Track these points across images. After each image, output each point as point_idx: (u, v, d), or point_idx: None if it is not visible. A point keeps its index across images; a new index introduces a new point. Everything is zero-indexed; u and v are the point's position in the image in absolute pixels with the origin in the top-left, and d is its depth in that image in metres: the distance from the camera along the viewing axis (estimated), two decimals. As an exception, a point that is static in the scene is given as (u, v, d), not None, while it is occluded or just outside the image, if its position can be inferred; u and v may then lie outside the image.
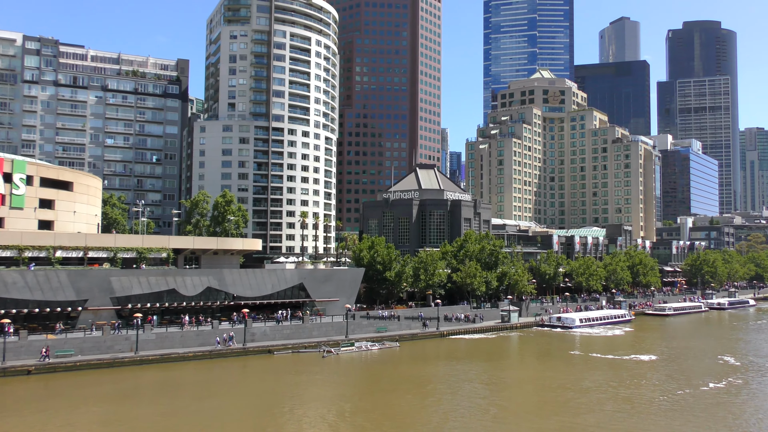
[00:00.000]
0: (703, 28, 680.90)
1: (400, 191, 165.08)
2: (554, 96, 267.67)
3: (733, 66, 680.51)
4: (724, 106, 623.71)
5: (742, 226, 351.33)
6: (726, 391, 74.77)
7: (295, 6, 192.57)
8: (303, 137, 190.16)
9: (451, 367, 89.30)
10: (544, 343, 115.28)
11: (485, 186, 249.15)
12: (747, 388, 77.14)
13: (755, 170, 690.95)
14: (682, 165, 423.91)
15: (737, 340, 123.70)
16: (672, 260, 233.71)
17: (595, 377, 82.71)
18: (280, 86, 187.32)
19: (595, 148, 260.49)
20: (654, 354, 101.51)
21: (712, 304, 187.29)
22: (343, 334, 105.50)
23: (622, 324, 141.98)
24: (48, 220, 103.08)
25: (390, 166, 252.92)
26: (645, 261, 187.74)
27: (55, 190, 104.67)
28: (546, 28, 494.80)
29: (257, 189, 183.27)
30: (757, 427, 59.88)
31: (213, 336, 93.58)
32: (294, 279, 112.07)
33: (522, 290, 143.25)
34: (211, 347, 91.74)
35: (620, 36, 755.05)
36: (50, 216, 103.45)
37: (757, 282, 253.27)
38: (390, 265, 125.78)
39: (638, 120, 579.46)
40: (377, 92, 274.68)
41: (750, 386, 78.07)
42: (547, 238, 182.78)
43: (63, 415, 61.65)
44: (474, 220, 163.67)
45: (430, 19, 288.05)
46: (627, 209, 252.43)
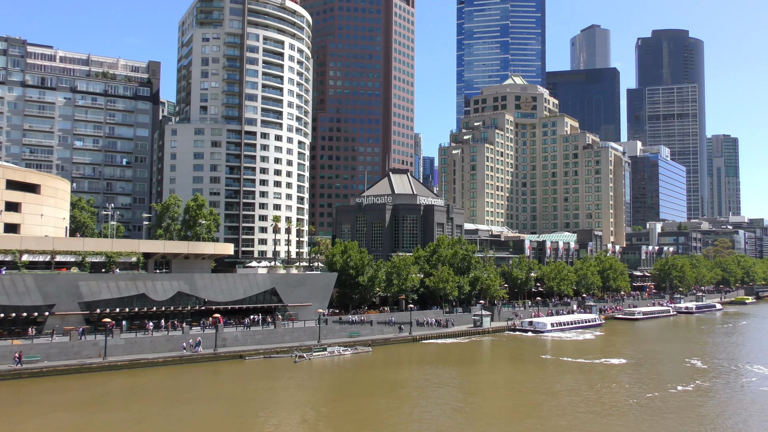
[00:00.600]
0: (671, 37, 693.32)
1: (374, 196, 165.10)
2: (526, 102, 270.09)
3: (701, 74, 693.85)
4: (691, 113, 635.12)
5: (709, 232, 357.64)
6: (694, 393, 75.92)
7: (269, 9, 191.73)
8: (276, 141, 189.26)
9: (423, 372, 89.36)
10: (516, 348, 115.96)
11: (458, 191, 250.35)
12: (714, 390, 78.38)
13: (722, 176, 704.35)
14: (651, 171, 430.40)
15: (705, 344, 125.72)
16: (641, 265, 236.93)
17: (566, 381, 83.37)
18: (253, 90, 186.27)
19: (567, 153, 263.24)
20: (624, 358, 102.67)
21: (680, 309, 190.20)
22: (315, 339, 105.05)
23: (592, 328, 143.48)
24: (14, 223, 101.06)
25: (363, 171, 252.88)
26: (615, 266, 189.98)
27: (22, 192, 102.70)
28: (518, 34, 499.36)
29: (229, 193, 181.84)
30: (722, 429, 60.84)
31: (184, 341, 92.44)
32: (266, 284, 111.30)
33: (494, 295, 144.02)
34: (180, 353, 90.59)
35: (591, 43, 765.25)
36: (16, 219, 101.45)
37: (723, 286, 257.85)
38: (363, 269, 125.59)
39: (608, 126, 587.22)
40: (351, 97, 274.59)
41: (717, 389, 79.33)
42: (519, 243, 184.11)
43: (34, 422, 60.42)
44: (447, 224, 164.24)
45: (403, 24, 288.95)
46: (597, 214, 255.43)
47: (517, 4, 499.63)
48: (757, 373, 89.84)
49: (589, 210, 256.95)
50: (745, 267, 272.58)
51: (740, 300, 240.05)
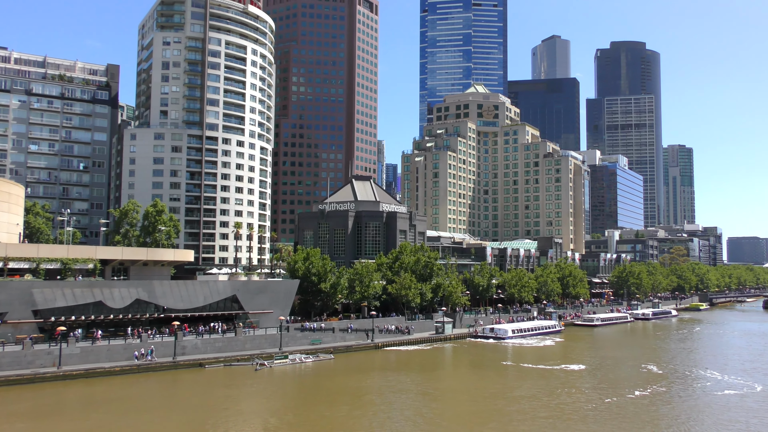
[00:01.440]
0: (629, 48, 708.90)
1: (336, 203, 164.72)
2: (488, 110, 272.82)
3: (657, 85, 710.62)
4: (648, 123, 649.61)
5: (665, 240, 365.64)
6: (651, 398, 77.25)
7: (231, 14, 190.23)
8: (238, 147, 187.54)
9: (386, 379, 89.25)
10: (477, 354, 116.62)
11: (421, 198, 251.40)
12: (670, 395, 79.90)
13: (677, 185, 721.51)
14: (609, 180, 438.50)
15: (660, 350, 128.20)
16: (600, 272, 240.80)
17: (527, 387, 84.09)
18: (215, 95, 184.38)
19: (528, 162, 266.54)
20: (583, 363, 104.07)
21: (637, 315, 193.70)
22: (276, 346, 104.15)
23: (552, 334, 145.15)
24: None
25: (326, 177, 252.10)
26: (574, 273, 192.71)
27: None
28: (481, 43, 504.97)
29: (190, 199, 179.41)
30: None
31: (135, 350, 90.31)
32: (227, 291, 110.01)
33: (456, 302, 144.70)
34: (138, 361, 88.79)
35: (551, 54, 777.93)
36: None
37: (678, 293, 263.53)
38: (325, 276, 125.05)
39: (568, 135, 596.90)
40: (314, 103, 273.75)
41: (673, 394, 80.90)
42: (480, 250, 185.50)
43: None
44: (409, 232, 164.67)
45: (366, 32, 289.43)
46: (558, 222, 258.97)
47: (479, 14, 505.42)
48: (710, 378, 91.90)
49: (549, 218, 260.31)
50: (700, 274, 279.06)
51: (695, 306, 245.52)
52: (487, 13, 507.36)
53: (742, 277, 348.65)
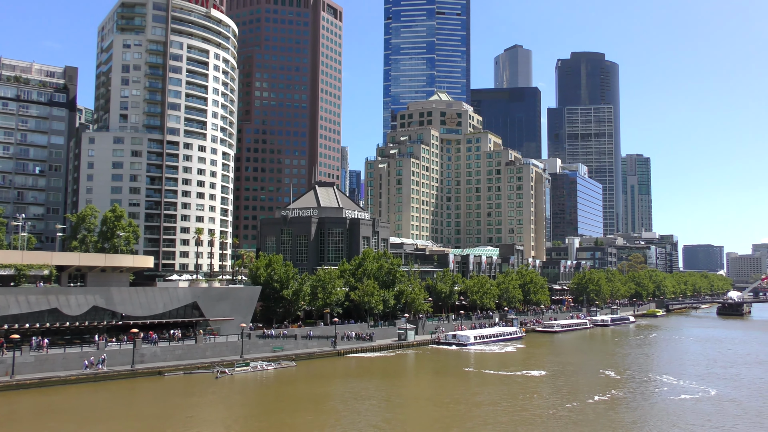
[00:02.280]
0: (588, 59, 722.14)
1: (299, 209, 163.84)
2: (451, 118, 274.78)
3: (616, 95, 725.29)
4: (607, 133, 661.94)
5: (623, 247, 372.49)
6: (610, 403, 78.42)
7: (193, 18, 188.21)
8: (199, 152, 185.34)
9: (348, 385, 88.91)
10: (439, 361, 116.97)
11: (384, 205, 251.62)
12: (628, 400, 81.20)
13: (635, 194, 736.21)
14: (569, 188, 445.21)
15: (619, 355, 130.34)
16: (560, 279, 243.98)
17: (488, 392, 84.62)
18: (176, 99, 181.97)
19: (490, 170, 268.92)
20: (544, 369, 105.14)
21: (596, 321, 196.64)
22: (238, 353, 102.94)
23: (514, 341, 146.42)
24: None
25: (289, 183, 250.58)
26: (535, 280, 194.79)
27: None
28: (444, 51, 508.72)
29: (150, 204, 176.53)
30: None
31: (89, 358, 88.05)
32: (187, 297, 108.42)
33: (419, 308, 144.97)
34: (89, 370, 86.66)
35: (513, 63, 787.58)
36: None
37: (636, 300, 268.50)
38: (287, 283, 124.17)
39: (530, 144, 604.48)
40: (277, 108, 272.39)
41: (631, 399, 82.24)
42: (443, 257, 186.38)
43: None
44: (372, 238, 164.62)
45: (330, 38, 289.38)
46: (519, 229, 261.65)
47: (443, 22, 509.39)
48: (667, 383, 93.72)
49: (511, 225, 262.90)
50: (657, 281, 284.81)
51: (652, 313, 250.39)
52: (451, 22, 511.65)
53: (697, 284, 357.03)
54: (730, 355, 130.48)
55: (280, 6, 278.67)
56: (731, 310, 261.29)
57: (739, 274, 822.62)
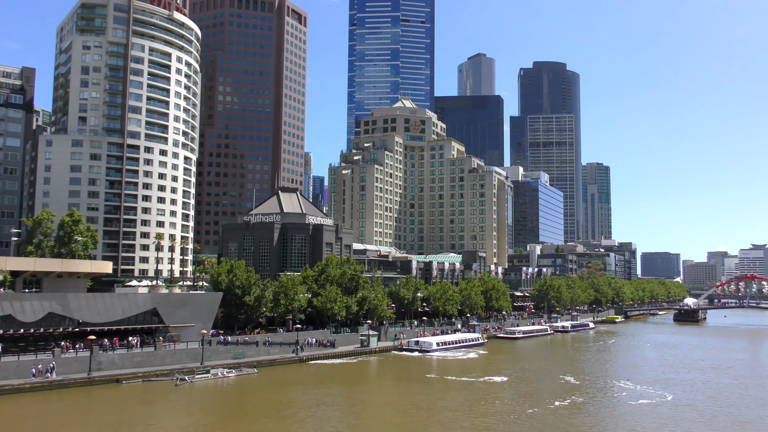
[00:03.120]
0: (550, 69, 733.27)
1: (262, 214, 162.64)
2: (415, 125, 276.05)
3: (577, 105, 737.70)
4: (568, 141, 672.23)
5: (583, 254, 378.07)
6: (570, 408, 79.39)
7: (155, 20, 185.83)
8: (160, 156, 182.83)
9: (310, 392, 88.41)
10: (402, 367, 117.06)
11: (347, 211, 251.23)
12: (588, 405, 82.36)
13: (595, 202, 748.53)
14: (531, 195, 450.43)
15: (578, 361, 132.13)
16: (522, 285, 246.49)
17: (450, 398, 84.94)
18: (137, 102, 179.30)
19: (453, 177, 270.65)
20: (505, 375, 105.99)
21: (556, 328, 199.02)
22: (198, 361, 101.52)
23: (476, 347, 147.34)
24: None
25: (252, 189, 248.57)
26: (497, 286, 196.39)
27: None
28: (408, 59, 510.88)
29: (109, 208, 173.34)
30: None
31: (37, 366, 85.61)
32: (147, 304, 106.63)
33: (382, 315, 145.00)
34: (35, 379, 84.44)
35: (477, 71, 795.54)
36: None
37: (596, 306, 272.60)
38: (249, 289, 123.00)
39: (493, 151, 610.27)
40: (240, 113, 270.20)
41: (590, 404, 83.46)
42: (406, 264, 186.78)
43: None
44: (336, 244, 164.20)
45: (295, 43, 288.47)
46: (482, 236, 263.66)
47: (407, 30, 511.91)
48: (625, 388, 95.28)
49: (474, 232, 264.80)
50: (616, 288, 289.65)
51: (611, 319, 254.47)
52: (415, 30, 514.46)
53: (655, 290, 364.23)
54: (685, 360, 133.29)
55: (244, 10, 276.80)
56: (687, 316, 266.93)
57: (695, 281, 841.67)
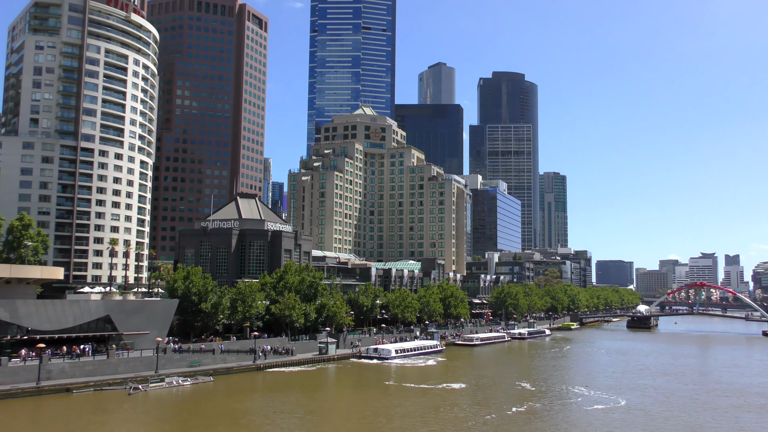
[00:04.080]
0: (509, 79, 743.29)
1: (220, 220, 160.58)
2: (375, 132, 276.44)
3: (535, 115, 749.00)
4: (526, 151, 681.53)
5: (540, 262, 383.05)
6: (527, 414, 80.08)
7: (112, 21, 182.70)
8: (116, 160, 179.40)
9: (268, 400, 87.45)
10: (360, 375, 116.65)
11: (307, 217, 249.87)
12: (545, 411, 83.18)
13: (552, 211, 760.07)
14: (490, 204, 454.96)
15: (534, 368, 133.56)
16: (480, 293, 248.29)
17: (409, 405, 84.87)
18: (92, 104, 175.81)
19: (413, 184, 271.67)
20: (463, 382, 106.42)
21: (514, 335, 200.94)
22: (152, 369, 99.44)
23: (434, 354, 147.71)
24: None
25: (210, 194, 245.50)
26: (456, 293, 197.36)
27: None
28: (369, 66, 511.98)
29: (61, 213, 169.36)
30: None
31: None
32: (99, 311, 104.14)
33: (340, 322, 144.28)
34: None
35: (437, 80, 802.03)
36: None
37: (552, 313, 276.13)
38: (206, 296, 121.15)
39: (452, 160, 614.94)
40: (199, 117, 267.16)
41: (547, 410, 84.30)
42: (365, 271, 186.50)
43: None
44: (294, 251, 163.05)
45: (255, 48, 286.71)
46: (441, 244, 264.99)
47: (368, 37, 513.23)
48: (580, 393, 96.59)
49: (433, 239, 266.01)
50: (571, 295, 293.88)
51: (567, 326, 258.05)
52: (376, 37, 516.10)
53: (609, 298, 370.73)
54: (638, 366, 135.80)
55: (203, 14, 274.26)
56: (640, 323, 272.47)
57: (647, 288, 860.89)
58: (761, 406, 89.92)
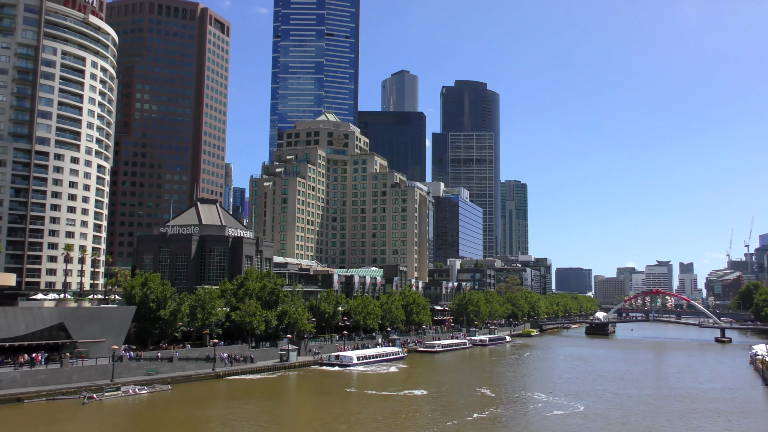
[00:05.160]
0: (472, 88, 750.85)
1: (179, 226, 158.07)
2: (338, 139, 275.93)
3: (496, 123, 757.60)
4: (488, 159, 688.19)
5: (501, 269, 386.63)
6: (488, 420, 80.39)
7: (69, 23, 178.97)
8: (72, 164, 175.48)
9: (227, 408, 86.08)
10: (321, 382, 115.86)
11: (268, 224, 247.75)
12: (506, 417, 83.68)
13: (513, 218, 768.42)
14: (452, 211, 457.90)
15: (495, 374, 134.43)
16: (442, 299, 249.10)
17: (370, 411, 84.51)
18: (48, 107, 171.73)
19: (375, 191, 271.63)
20: (425, 389, 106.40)
21: (475, 341, 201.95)
22: (108, 377, 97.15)
23: (396, 361, 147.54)
24: None
25: (169, 199, 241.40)
26: (418, 300, 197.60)
27: None
28: (332, 73, 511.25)
29: (14, 217, 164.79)
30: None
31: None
32: (53, 318, 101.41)
33: (302, 329, 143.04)
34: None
35: (400, 87, 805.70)
36: None
37: (513, 320, 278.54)
38: (165, 303, 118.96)
39: (415, 167, 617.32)
40: (158, 121, 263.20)
41: (508, 416, 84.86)
42: (327, 277, 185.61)
43: None
44: (256, 257, 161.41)
45: (217, 52, 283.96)
46: (403, 251, 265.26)
47: (332, 44, 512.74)
48: (539, 399, 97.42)
49: (395, 246, 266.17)
50: (532, 302, 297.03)
51: (527, 333, 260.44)
52: (340, 44, 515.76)
53: (568, 304, 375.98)
54: (596, 372, 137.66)
55: (164, 17, 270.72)
56: (598, 329, 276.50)
57: (605, 295, 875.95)
58: (714, 411, 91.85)
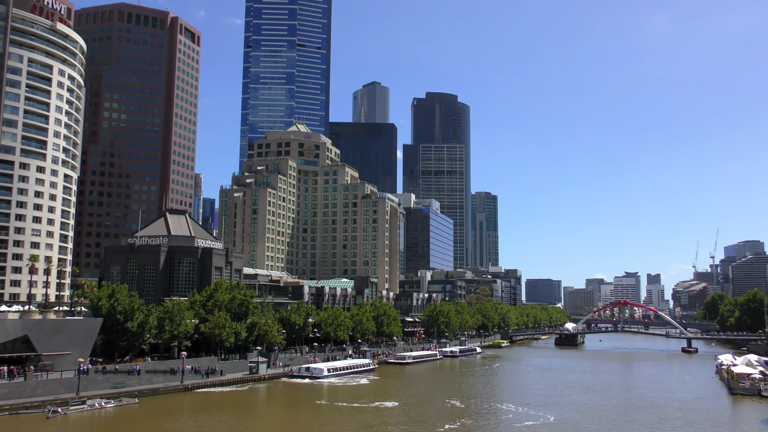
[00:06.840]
0: (442, 100, 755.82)
1: (148, 236, 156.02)
2: (309, 150, 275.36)
3: (467, 135, 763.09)
4: (459, 170, 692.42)
5: (472, 281, 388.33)
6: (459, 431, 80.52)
7: (36, 30, 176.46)
8: (38, 173, 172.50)
9: (196, 421, 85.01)
10: (291, 394, 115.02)
11: (238, 235, 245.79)
12: (476, 428, 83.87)
13: (484, 230, 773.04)
14: (423, 222, 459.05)
15: (466, 385, 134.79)
16: (412, 311, 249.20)
17: (340, 423, 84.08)
18: (13, 115, 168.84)
19: (347, 202, 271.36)
20: (396, 400, 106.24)
21: (445, 352, 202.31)
22: (73, 391, 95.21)
23: (367, 373, 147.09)
24: None
25: (138, 210, 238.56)
26: (389, 312, 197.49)
27: None
28: (304, 83, 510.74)
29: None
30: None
31: None
32: (16, 330, 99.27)
33: (272, 341, 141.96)
34: None
35: (372, 99, 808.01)
36: None
37: (483, 331, 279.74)
38: (132, 314, 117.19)
39: (386, 178, 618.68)
40: (127, 131, 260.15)
41: (478, 427, 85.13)
42: (298, 289, 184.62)
43: None
44: (225, 269, 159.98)
45: (187, 62, 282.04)
46: (374, 262, 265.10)
47: (303, 55, 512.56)
48: (508, 410, 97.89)
49: (366, 257, 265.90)
50: (502, 313, 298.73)
51: (497, 344, 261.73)
52: (311, 55, 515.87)
53: (538, 316, 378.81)
54: (566, 383, 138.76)
55: (134, 25, 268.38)
56: (567, 340, 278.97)
57: (574, 306, 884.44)
58: (683, 420, 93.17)
